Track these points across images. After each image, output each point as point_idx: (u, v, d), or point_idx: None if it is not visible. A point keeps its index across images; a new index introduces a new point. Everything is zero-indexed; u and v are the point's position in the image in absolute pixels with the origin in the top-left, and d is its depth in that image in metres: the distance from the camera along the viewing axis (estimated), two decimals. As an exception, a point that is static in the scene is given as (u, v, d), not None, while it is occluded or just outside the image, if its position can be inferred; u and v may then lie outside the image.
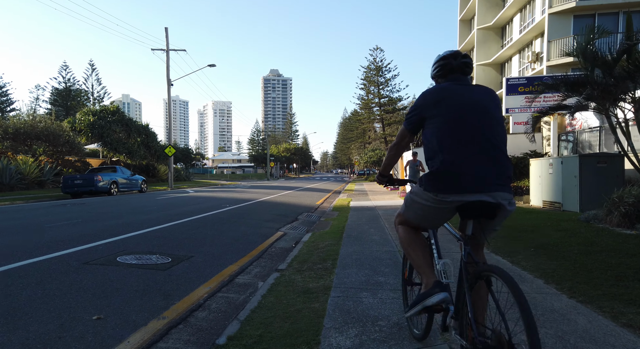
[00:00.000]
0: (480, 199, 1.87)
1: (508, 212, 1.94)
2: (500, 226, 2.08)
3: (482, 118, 1.98)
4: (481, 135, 1.94)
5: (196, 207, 11.62)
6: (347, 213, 10.44)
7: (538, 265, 4.26)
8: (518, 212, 8.82)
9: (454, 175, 1.90)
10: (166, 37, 27.75)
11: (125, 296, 3.60)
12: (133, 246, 5.74)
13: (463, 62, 2.18)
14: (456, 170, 1.90)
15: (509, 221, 7.24)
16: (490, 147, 1.93)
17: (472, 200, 1.88)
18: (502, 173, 1.91)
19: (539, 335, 1.44)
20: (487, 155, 1.91)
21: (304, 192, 20.84)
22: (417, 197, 2.12)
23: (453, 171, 1.91)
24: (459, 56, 2.20)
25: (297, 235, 7.56)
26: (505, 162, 1.95)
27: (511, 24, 27.43)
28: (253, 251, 5.92)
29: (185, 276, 4.35)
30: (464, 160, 1.90)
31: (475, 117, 1.97)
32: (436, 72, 2.26)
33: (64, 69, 55.41)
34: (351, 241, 6.13)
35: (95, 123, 27.37)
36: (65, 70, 55.32)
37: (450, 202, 1.94)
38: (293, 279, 4.10)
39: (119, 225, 7.66)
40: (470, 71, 2.23)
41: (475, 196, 1.87)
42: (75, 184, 16.75)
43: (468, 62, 2.20)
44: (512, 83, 12.71)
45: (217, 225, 8.09)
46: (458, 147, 1.93)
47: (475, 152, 1.91)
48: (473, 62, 1.63)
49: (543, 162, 10.54)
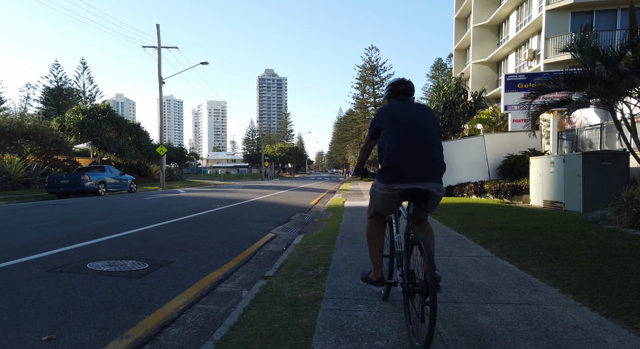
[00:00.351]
0: (416, 187, 2.59)
1: (438, 197, 2.67)
2: (435, 208, 2.78)
3: (421, 130, 2.67)
4: (419, 143, 2.64)
5: (185, 208, 11.17)
6: (341, 213, 10.03)
7: (550, 271, 3.87)
8: (519, 212, 8.47)
9: (398, 170, 2.61)
10: (158, 34, 27.21)
11: (87, 310, 3.16)
12: (109, 250, 5.30)
13: (407, 87, 2.92)
14: (399, 167, 2.60)
15: (513, 223, 6.87)
16: (425, 152, 2.62)
17: (410, 187, 2.60)
18: (432, 170, 2.61)
19: (435, 270, 2.19)
20: (421, 157, 2.61)
21: (297, 192, 20.42)
22: (376, 188, 2.82)
23: (397, 167, 2.61)
24: (403, 82, 2.93)
25: (288, 237, 7.14)
26: (436, 162, 2.64)
27: (507, 22, 27.18)
28: (240, 255, 5.50)
29: (161, 284, 3.92)
30: (405, 160, 2.60)
31: (416, 129, 2.67)
32: (387, 94, 2.96)
33: (56, 68, 54.54)
34: (345, 244, 5.72)
35: (85, 122, 26.74)
36: (57, 69, 54.46)
37: (397, 189, 2.64)
38: (280, 288, 3.69)
39: (98, 227, 7.20)
40: (413, 93, 2.93)
41: (412, 184, 2.59)
42: (61, 184, 16.20)
43: (411, 87, 2.93)
44: (511, 80, 12.37)
45: (204, 227, 7.66)
46: (402, 151, 2.62)
47: (413, 155, 2.61)
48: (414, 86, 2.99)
49: (544, 161, 10.20)
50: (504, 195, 11.88)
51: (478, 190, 12.90)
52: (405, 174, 2.59)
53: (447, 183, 13.83)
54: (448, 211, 9.12)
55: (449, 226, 7.09)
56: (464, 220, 7.54)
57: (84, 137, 27.06)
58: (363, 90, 60.41)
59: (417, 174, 2.58)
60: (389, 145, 2.67)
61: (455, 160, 14.01)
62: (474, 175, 13.73)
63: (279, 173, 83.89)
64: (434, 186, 2.60)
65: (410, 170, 2.59)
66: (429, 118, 2.73)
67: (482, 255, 4.85)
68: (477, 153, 13.87)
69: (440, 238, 6.03)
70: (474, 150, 13.94)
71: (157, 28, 27.26)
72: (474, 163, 13.91)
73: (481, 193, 12.80)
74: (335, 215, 9.88)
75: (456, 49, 35.23)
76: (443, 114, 20.38)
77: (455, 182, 13.76)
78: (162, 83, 27.41)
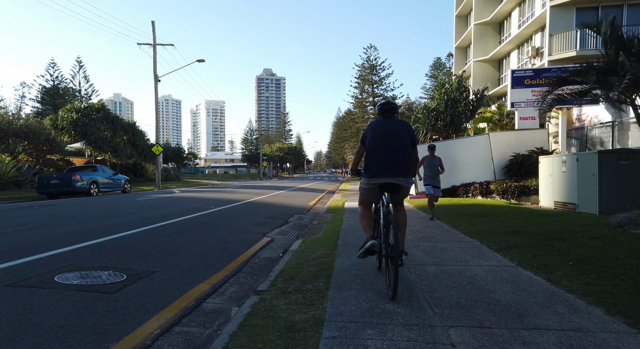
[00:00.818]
0: (388, 181, 3.54)
1: (407, 188, 3.62)
2: (406, 195, 3.79)
3: (393, 140, 3.61)
4: (390, 150, 3.58)
5: (177, 209, 10.63)
6: (342, 215, 9.52)
7: (587, 286, 3.36)
8: (531, 214, 7.96)
9: (375, 168, 3.59)
10: (153, 31, 26.64)
11: (41, 338, 2.63)
12: (85, 258, 4.76)
13: (391, 107, 3.83)
14: (376, 166, 3.59)
15: (529, 227, 6.36)
16: (394, 156, 3.57)
17: (384, 181, 3.55)
18: (399, 169, 3.54)
19: (398, 236, 3.19)
20: (391, 160, 3.56)
21: (296, 192, 19.89)
22: (361, 183, 3.80)
23: (375, 166, 3.59)
24: (388, 104, 3.83)
25: (285, 242, 6.62)
26: (403, 163, 3.57)
27: (509, 19, 26.67)
28: (232, 263, 4.98)
29: (138, 301, 3.40)
30: (380, 162, 3.58)
31: (388, 140, 3.61)
32: (377, 112, 3.87)
33: (52, 66, 53.85)
34: (348, 251, 5.21)
35: (79, 121, 26.13)
36: (53, 68, 53.75)
37: (375, 183, 3.60)
38: (275, 306, 3.17)
39: (79, 232, 6.66)
40: (395, 111, 3.83)
41: (385, 179, 3.54)
42: (51, 184, 15.62)
43: (394, 107, 3.85)
44: (518, 76, 11.86)
45: (195, 230, 7.13)
46: (378, 155, 3.60)
47: (386, 158, 3.57)
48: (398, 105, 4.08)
49: (555, 160, 9.70)
50: (511, 195, 11.38)
51: (484, 190, 12.39)
52: (380, 172, 3.59)
53: (451, 183, 13.33)
54: (455, 214, 8.61)
55: (459, 230, 6.58)
56: (474, 223, 7.03)
57: (78, 136, 26.44)
58: (362, 90, 59.87)
59: (388, 172, 3.56)
60: (370, 151, 3.69)
61: (460, 159, 13.51)
62: (479, 175, 13.22)
63: (277, 173, 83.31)
64: (402, 180, 3.58)
65: (382, 169, 3.58)
66: (400, 131, 3.67)
67: (501, 264, 4.33)
68: (482, 152, 13.37)
69: (451, 244, 5.52)
70: (478, 149, 13.44)
71: (152, 24, 26.69)
72: (479, 162, 13.41)
73: (487, 194, 12.30)
74: (335, 217, 9.37)
75: (456, 47, 34.72)
76: (445, 113, 19.86)
77: (459, 182, 13.25)
78: (157, 81, 26.84)
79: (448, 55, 65.93)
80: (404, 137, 3.64)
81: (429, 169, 8.29)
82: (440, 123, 20.20)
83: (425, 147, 14.63)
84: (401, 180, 3.54)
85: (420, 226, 7.29)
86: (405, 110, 65.88)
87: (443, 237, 6.14)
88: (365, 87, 59.51)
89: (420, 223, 7.80)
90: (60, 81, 54.09)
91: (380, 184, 3.57)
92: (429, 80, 67.84)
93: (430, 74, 67.47)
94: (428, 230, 6.87)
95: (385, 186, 3.58)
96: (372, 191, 3.68)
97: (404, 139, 3.63)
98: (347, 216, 9.24)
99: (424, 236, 6.29)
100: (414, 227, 7.23)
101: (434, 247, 5.35)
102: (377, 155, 3.60)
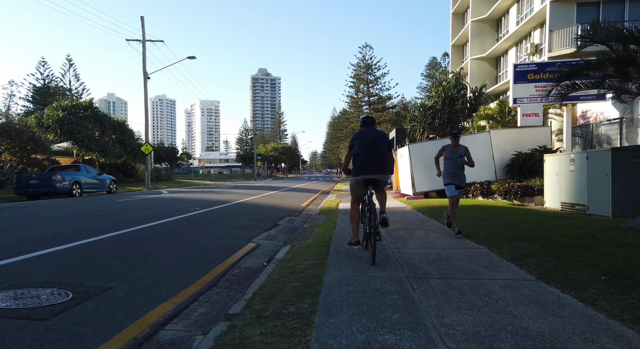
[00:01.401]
0: (370, 177, 4.58)
1: (384, 182, 4.68)
2: (386, 185, 4.83)
3: (373, 146, 4.65)
4: (373, 153, 4.63)
5: (159, 211, 9.93)
6: (335, 217, 8.87)
7: (632, 310, 2.72)
8: (540, 217, 7.36)
9: (361, 168, 4.63)
10: (142, 26, 25.87)
11: None
12: (31, 272, 4.08)
13: (370, 120, 4.91)
14: (362, 166, 4.63)
15: (541, 231, 5.74)
16: (375, 158, 4.61)
17: (367, 177, 4.59)
18: (379, 167, 4.58)
19: (377, 219, 4.28)
20: (373, 160, 4.60)
21: (289, 193, 19.22)
22: (351, 180, 4.86)
23: (361, 166, 4.63)
24: (369, 118, 4.93)
25: (272, 249, 5.97)
26: (382, 163, 4.62)
27: (507, 16, 26.18)
28: (207, 275, 4.31)
29: (75, 331, 2.72)
30: (364, 162, 4.62)
31: (371, 145, 4.66)
32: (360, 124, 4.95)
33: (42, 65, 52.84)
34: (340, 261, 4.56)
35: (65, 119, 25.25)
36: (43, 66, 52.77)
37: (361, 179, 4.64)
38: (246, 338, 2.51)
39: (40, 237, 5.95)
40: (374, 123, 4.93)
41: (368, 176, 4.58)
42: (31, 184, 14.83)
43: (373, 120, 4.95)
44: (520, 70, 11.27)
45: (172, 235, 6.45)
46: (363, 157, 4.63)
47: (369, 159, 4.61)
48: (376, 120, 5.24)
49: (562, 158, 9.10)
50: (514, 196, 10.78)
51: (485, 190, 11.79)
52: (364, 170, 4.61)
53: (450, 184, 12.73)
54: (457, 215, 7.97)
55: (465, 236, 5.94)
56: (480, 228, 6.41)
57: (64, 135, 25.55)
58: (357, 89, 59.31)
59: (370, 170, 4.58)
60: (357, 154, 4.69)
61: (459, 158, 12.91)
62: (480, 175, 12.62)
63: (272, 173, 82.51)
64: (380, 176, 4.61)
65: (366, 168, 4.60)
66: (379, 138, 4.73)
67: (519, 277, 3.70)
68: (483, 150, 12.77)
69: (457, 252, 4.88)
70: (479, 148, 12.83)
71: (141, 20, 25.92)
72: (479, 161, 12.72)
73: (488, 194, 11.70)
74: (328, 219, 8.72)
75: (453, 45, 34.19)
76: (442, 111, 19.29)
77: (459, 182, 12.65)
78: (147, 78, 26.07)
79: (444, 55, 65.54)
80: (382, 142, 4.71)
81: (451, 163, 6.13)
82: (437, 121, 19.60)
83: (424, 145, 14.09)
84: (380, 176, 4.62)
85: (421, 231, 6.65)
86: (401, 109, 65.47)
87: (446, 243, 5.51)
88: (360, 86, 58.93)
89: (420, 226, 7.17)
90: (51, 80, 53.12)
91: (364, 179, 4.63)
92: (424, 80, 67.48)
93: (425, 74, 67.10)
94: (429, 235, 6.24)
95: (369, 181, 4.63)
96: (359, 186, 4.74)
97: (382, 145, 4.69)
98: (341, 219, 8.60)
99: (425, 242, 5.66)
100: (413, 231, 6.58)
101: (438, 256, 4.72)
102: (362, 157, 4.65)
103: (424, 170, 13.04)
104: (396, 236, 6.16)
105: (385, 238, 5.95)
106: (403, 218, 8.52)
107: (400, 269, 4.16)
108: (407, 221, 7.85)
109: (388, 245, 5.49)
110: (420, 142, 16.69)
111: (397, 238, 6.03)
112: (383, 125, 60.50)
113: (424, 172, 13.04)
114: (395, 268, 4.20)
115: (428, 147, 13.33)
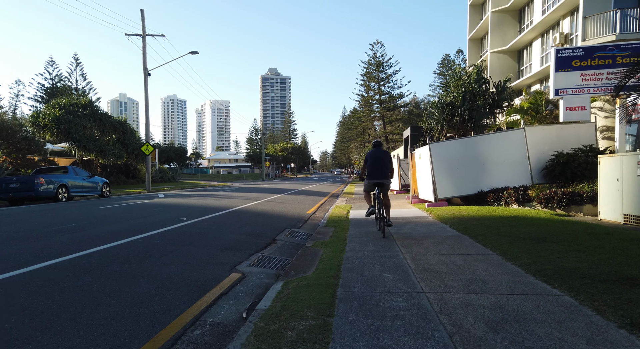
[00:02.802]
0: (377, 181, 6.96)
1: (387, 185, 7.00)
2: (388, 188, 7.05)
3: (379, 161, 7.02)
4: (377, 166, 6.99)
5: (138, 222, 8.46)
6: (345, 231, 7.31)
7: None
8: (617, 237, 5.66)
9: (371, 175, 7.02)
10: (142, 20, 24.66)
11: None
12: None
13: (378, 142, 7.35)
14: (371, 173, 7.02)
15: (634, 260, 4.06)
16: (379, 169, 6.96)
17: (375, 181, 6.98)
18: (382, 174, 6.95)
19: (383, 210, 6.77)
20: (378, 170, 6.97)
21: (295, 196, 17.68)
22: (365, 183, 7.23)
23: (371, 173, 7.03)
24: (377, 141, 7.35)
25: (259, 283, 4.43)
26: (385, 172, 6.97)
27: (532, 5, 24.25)
28: (146, 344, 2.78)
29: None
30: (373, 171, 6.99)
31: (378, 161, 7.02)
32: (372, 145, 7.39)
33: (51, 65, 52.17)
34: (353, 317, 2.98)
35: (62, 118, 24.03)
36: (52, 66, 52.09)
37: (371, 181, 7.02)
38: None
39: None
40: (381, 145, 7.36)
41: (375, 180, 6.98)
42: (11, 188, 13.53)
43: (380, 142, 7.38)
44: (564, 56, 9.55)
45: (130, 264, 4.94)
46: (371, 168, 7.01)
47: (376, 170, 6.98)
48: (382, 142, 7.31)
49: (625, 160, 7.39)
50: (557, 205, 9.07)
51: (520, 197, 10.07)
52: (372, 176, 6.93)
53: (478, 188, 11.05)
54: (498, 233, 6.30)
55: (522, 268, 4.29)
56: (540, 254, 4.77)
57: (61, 134, 24.38)
58: (368, 87, 57.62)
59: (377, 176, 6.90)
60: (368, 166, 7.03)
61: (488, 159, 11.23)
62: (513, 178, 10.93)
63: (281, 173, 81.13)
64: (384, 180, 6.88)
65: (374, 175, 6.91)
66: (383, 156, 7.02)
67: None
68: (516, 150, 11.06)
69: (526, 302, 3.25)
70: (511, 147, 11.13)
71: (141, 14, 24.71)
72: (511, 162, 11.10)
73: (525, 202, 9.98)
74: (336, 234, 7.13)
75: (470, 39, 32.26)
76: (462, 106, 17.54)
77: (489, 187, 10.95)
78: (147, 74, 24.88)
79: (457, 52, 63.44)
80: (385, 159, 7.01)
81: None
82: (457, 118, 17.87)
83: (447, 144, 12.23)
84: (384, 180, 6.90)
85: (459, 257, 5.00)
86: (413, 108, 63.55)
87: (502, 281, 3.87)
88: (371, 84, 57.20)
89: (455, 248, 5.51)
90: (60, 79, 52.46)
91: (374, 182, 6.92)
92: (437, 78, 65.48)
93: (438, 72, 65.04)
94: (473, 265, 4.59)
95: (376, 184, 6.89)
96: (370, 186, 7.06)
97: (385, 160, 6.99)
98: (352, 233, 7.02)
99: (470, 279, 4.02)
100: (447, 257, 4.94)
101: (499, 309, 3.10)
102: (371, 168, 6.96)
103: (448, 172, 11.38)
104: (427, 265, 4.55)
105: (415, 271, 4.34)
106: (428, 233, 6.91)
107: (436, 321, 2.57)
108: (435, 239, 6.23)
109: (419, 282, 3.88)
110: (437, 141, 14.98)
111: (430, 269, 4.42)
112: (395, 124, 58.67)
113: (448, 175, 11.37)
114: (441, 341, 2.59)
115: (451, 147, 11.66)
